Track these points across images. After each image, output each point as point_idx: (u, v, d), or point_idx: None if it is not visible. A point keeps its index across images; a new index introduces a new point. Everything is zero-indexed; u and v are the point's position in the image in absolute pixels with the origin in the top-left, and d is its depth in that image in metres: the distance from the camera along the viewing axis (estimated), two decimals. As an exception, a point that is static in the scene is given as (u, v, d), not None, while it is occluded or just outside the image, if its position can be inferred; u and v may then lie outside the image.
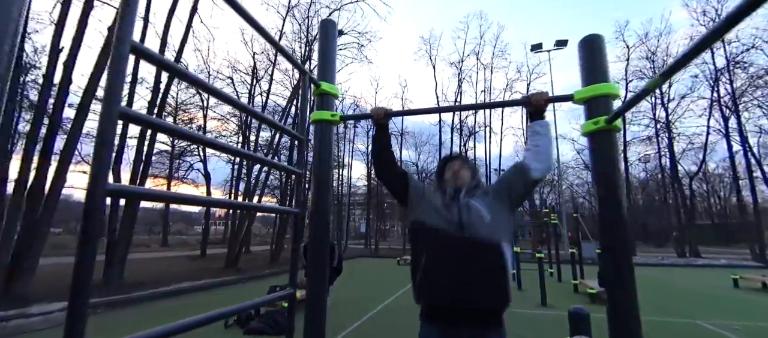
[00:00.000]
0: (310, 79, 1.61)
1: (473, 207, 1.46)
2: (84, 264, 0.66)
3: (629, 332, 1.19)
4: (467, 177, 1.61)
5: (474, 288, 1.33)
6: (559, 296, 7.41)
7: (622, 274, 1.22)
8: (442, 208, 1.51)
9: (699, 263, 15.43)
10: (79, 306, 0.65)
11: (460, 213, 1.46)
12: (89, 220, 0.68)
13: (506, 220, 1.49)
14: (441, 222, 1.46)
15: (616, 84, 1.37)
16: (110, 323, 5.19)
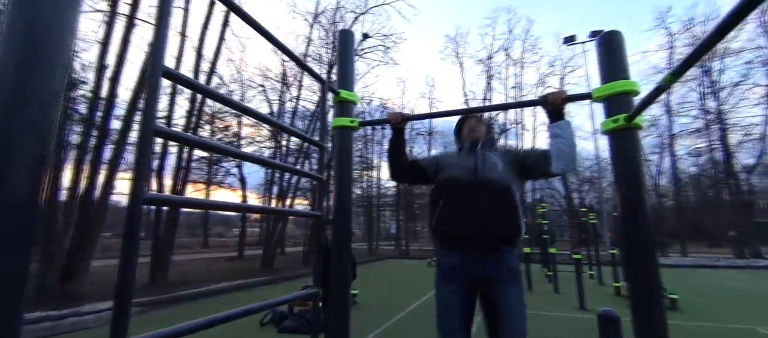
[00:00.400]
0: (330, 88, 1.69)
1: (488, 157, 1.63)
2: (128, 266, 0.76)
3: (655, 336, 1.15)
4: (482, 132, 1.76)
5: (488, 218, 1.49)
6: (599, 299, 7.05)
7: (647, 278, 1.18)
8: (458, 160, 1.70)
9: (760, 265, 14.04)
10: (124, 304, 0.75)
11: (475, 162, 1.64)
12: (131, 226, 0.78)
13: (516, 179, 1.64)
14: (457, 171, 1.64)
15: (635, 81, 1.32)
16: (156, 321, 5.60)
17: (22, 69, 0.61)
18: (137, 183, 0.78)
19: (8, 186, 0.58)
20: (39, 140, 0.62)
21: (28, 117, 0.61)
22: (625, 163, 1.27)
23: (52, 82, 0.64)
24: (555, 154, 1.49)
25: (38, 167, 0.62)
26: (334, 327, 1.65)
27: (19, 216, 0.59)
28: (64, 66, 0.67)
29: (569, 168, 1.51)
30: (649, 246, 1.20)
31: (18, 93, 0.60)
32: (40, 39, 0.63)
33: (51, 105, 0.64)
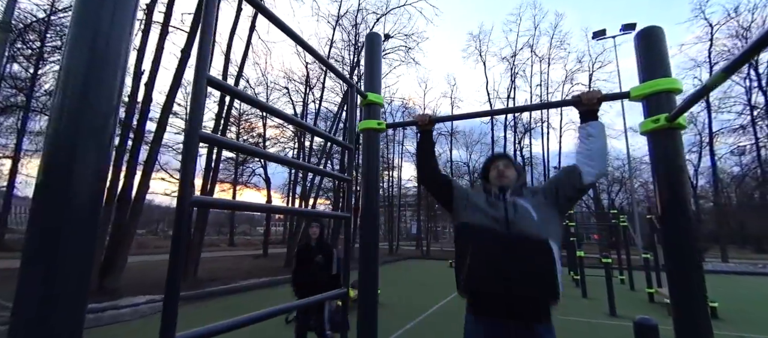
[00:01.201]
0: (357, 91, 1.71)
1: (520, 206, 1.46)
2: (176, 263, 0.80)
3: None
4: (513, 177, 1.59)
5: (522, 280, 1.33)
6: (631, 305, 6.76)
7: (691, 284, 1.13)
8: (487, 207, 1.51)
9: (814, 273, 12.98)
10: (173, 298, 0.79)
11: (506, 210, 1.46)
12: (179, 227, 0.82)
13: (555, 221, 1.46)
14: (487, 221, 1.47)
15: (678, 78, 1.26)
16: (187, 315, 5.85)
17: (87, 77, 0.66)
18: (185, 186, 0.83)
19: (74, 188, 0.63)
20: (101, 144, 0.67)
21: (91, 122, 0.66)
22: (666, 165, 1.21)
23: (113, 90, 0.69)
24: (586, 155, 1.44)
25: (100, 170, 0.67)
26: (362, 329, 1.66)
27: (84, 216, 0.64)
28: (122, 74, 0.72)
29: (602, 171, 1.44)
30: (693, 251, 1.14)
31: (84, 99, 0.65)
32: (103, 49, 0.69)
33: (111, 111, 0.69)
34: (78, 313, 0.61)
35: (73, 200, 0.62)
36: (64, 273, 0.60)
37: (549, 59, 22.76)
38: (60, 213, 0.61)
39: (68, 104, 0.64)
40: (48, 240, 0.60)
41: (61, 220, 0.61)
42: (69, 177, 0.62)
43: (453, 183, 1.67)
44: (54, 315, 0.58)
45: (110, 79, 0.69)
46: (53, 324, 0.58)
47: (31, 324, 0.57)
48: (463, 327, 1.49)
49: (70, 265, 0.62)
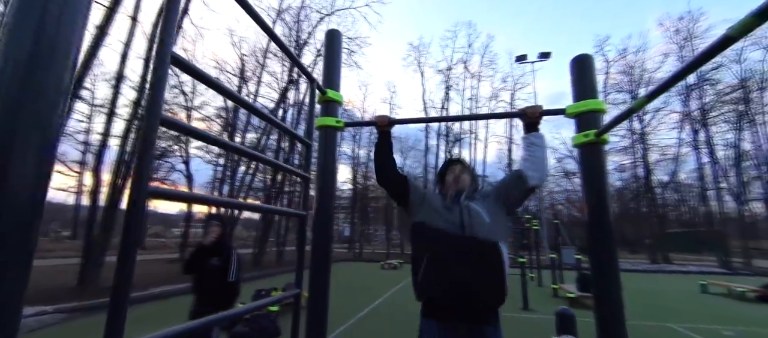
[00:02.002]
0: (317, 86, 1.67)
1: (473, 210, 1.55)
2: (126, 262, 0.70)
3: (617, 329, 1.30)
4: (467, 182, 1.69)
5: (474, 285, 1.42)
6: (539, 300, 7.63)
7: (609, 275, 1.33)
8: (443, 210, 1.58)
9: (670, 269, 16.16)
10: (120, 304, 0.69)
11: (461, 214, 1.54)
12: (132, 220, 0.72)
13: (504, 222, 1.59)
14: (442, 223, 1.54)
15: (603, 101, 1.49)
16: (85, 328, 5.02)
17: (32, 60, 0.56)
18: (141, 174, 0.72)
19: (12, 183, 0.52)
20: (45, 135, 0.57)
21: (35, 111, 0.56)
22: (593, 173, 1.42)
23: (63, 75, 0.60)
24: (531, 162, 1.60)
25: (44, 162, 0.57)
26: (311, 330, 1.62)
27: (23, 212, 0.54)
28: (74, 58, 0.62)
29: (544, 176, 1.63)
30: (613, 246, 1.36)
31: (26, 86, 0.55)
32: (51, 29, 0.59)
33: (60, 98, 0.59)
34: (13, 321, 0.50)
35: (10, 197, 0.52)
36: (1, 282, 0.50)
37: (479, 76, 24.76)
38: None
39: (8, 91, 0.54)
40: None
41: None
42: (4, 173, 0.51)
43: (409, 180, 1.72)
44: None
45: (61, 62, 0.59)
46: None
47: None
48: (391, 328, 1.53)
49: (8, 274, 0.51)
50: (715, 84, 19.37)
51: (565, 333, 1.90)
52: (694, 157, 20.22)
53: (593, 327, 1.37)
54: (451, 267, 1.44)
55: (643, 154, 21.45)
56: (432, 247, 1.51)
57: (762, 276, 11.85)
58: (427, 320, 1.51)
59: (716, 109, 19.38)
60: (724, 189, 19.34)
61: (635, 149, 22.25)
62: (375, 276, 12.42)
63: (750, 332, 5.29)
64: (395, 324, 5.31)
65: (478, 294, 1.42)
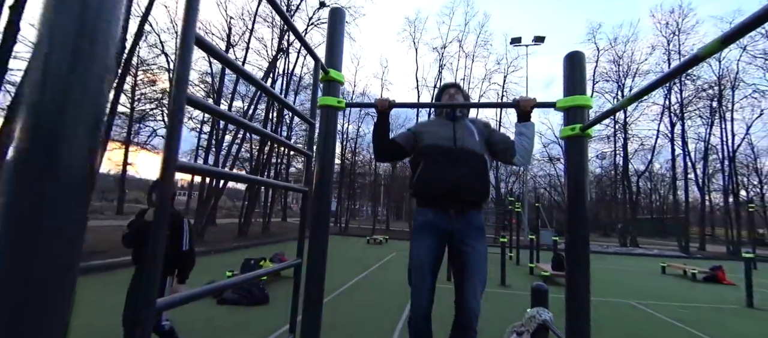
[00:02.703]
0: (322, 66, 1.70)
1: (466, 126, 1.84)
2: (159, 229, 0.77)
3: (582, 305, 1.46)
4: (461, 101, 2.00)
5: (463, 182, 1.71)
6: (516, 277, 8.06)
7: (580, 255, 1.49)
8: (438, 128, 1.87)
9: (637, 252, 17.15)
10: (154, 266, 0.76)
11: (454, 130, 1.83)
12: (163, 191, 0.79)
13: (487, 151, 1.86)
14: (438, 139, 1.82)
15: (590, 97, 1.59)
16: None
17: (76, 46, 0.58)
18: (170, 150, 0.79)
19: (63, 164, 0.56)
20: (94, 117, 0.61)
21: (82, 94, 0.59)
22: (575, 164, 1.55)
23: (107, 59, 0.62)
24: (519, 149, 1.74)
25: (93, 144, 0.60)
26: (309, 297, 1.73)
27: (76, 190, 0.58)
28: (115, 40, 0.65)
29: (527, 162, 1.79)
30: (587, 230, 1.51)
31: (74, 70, 0.58)
32: (94, 12, 0.61)
33: (105, 81, 0.63)
34: (66, 313, 0.56)
35: (63, 177, 0.54)
36: (51, 259, 0.55)
37: (473, 56, 24.56)
38: (43, 194, 0.53)
39: (57, 75, 0.56)
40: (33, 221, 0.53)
41: (46, 202, 0.53)
42: (57, 156, 0.54)
43: (400, 142, 1.93)
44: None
45: (104, 46, 0.62)
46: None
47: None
48: (380, 297, 1.78)
49: (66, 238, 0.56)
50: (694, 80, 19.95)
51: (538, 305, 2.09)
52: (669, 148, 21.05)
53: (562, 302, 1.55)
54: (443, 169, 1.73)
55: (624, 143, 22.14)
56: (428, 156, 1.80)
57: (713, 260, 12.81)
58: (422, 208, 1.80)
59: (693, 104, 20.07)
60: (690, 180, 20.37)
61: (617, 138, 22.92)
62: (361, 250, 12.73)
63: (698, 308, 5.89)
64: (382, 293, 5.56)
65: (465, 189, 1.71)
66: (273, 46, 16.41)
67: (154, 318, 0.79)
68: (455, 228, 1.74)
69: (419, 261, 1.74)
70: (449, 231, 1.75)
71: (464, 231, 1.74)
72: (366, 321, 4.16)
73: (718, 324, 4.86)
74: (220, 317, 4.13)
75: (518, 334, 2.10)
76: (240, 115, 15.37)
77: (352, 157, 26.89)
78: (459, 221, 1.74)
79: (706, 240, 20.40)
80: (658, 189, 35.67)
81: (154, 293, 0.76)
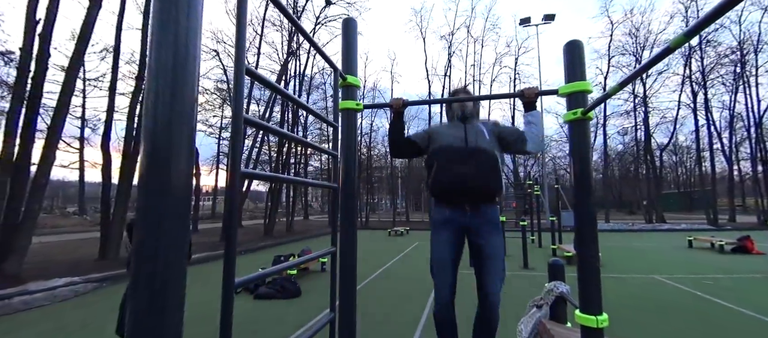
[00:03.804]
0: (340, 74, 1.89)
1: (477, 128, 1.95)
2: (232, 224, 0.98)
3: (591, 271, 1.61)
4: (471, 106, 2.09)
5: (476, 179, 1.82)
6: (539, 259, 8.12)
7: (588, 229, 1.63)
8: (450, 130, 1.99)
9: (663, 228, 16.72)
10: (231, 250, 0.97)
11: (466, 132, 1.95)
12: (232, 195, 1.00)
13: (498, 148, 1.97)
14: (450, 140, 1.94)
15: (589, 81, 1.72)
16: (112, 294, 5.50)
17: (175, 71, 0.77)
18: (235, 160, 0.99)
19: (173, 172, 0.75)
20: (189, 130, 0.80)
21: (181, 111, 0.78)
22: (579, 147, 1.67)
23: (194, 86, 0.82)
24: (529, 136, 1.88)
25: (190, 153, 0.80)
26: (344, 288, 1.93)
27: (183, 198, 0.77)
28: (198, 69, 0.84)
29: (539, 149, 1.92)
30: (592, 208, 1.64)
31: (175, 92, 0.77)
32: (184, 39, 0.79)
33: (194, 106, 0.82)
34: (180, 294, 0.77)
35: (173, 189, 0.73)
36: (167, 265, 0.72)
37: (482, 41, 24.23)
38: (162, 204, 0.72)
39: (163, 96, 0.74)
40: (153, 225, 0.73)
41: (163, 211, 0.72)
42: (167, 165, 0.73)
43: (415, 140, 2.07)
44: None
45: (192, 69, 0.81)
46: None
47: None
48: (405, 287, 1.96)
49: (174, 248, 0.75)
50: (716, 46, 19.05)
51: (554, 279, 2.24)
52: (693, 119, 20.23)
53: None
54: (456, 167, 1.85)
55: (645, 117, 21.43)
56: (441, 156, 1.92)
57: (744, 231, 12.38)
58: (438, 205, 1.94)
59: (715, 71, 19.19)
60: (717, 150, 19.58)
61: (637, 113, 22.20)
62: (383, 242, 12.99)
63: (725, 278, 5.83)
64: (406, 283, 5.78)
65: (479, 185, 1.83)
66: (283, 49, 16.73)
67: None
68: (471, 223, 1.86)
69: (440, 256, 1.89)
70: (466, 226, 1.88)
71: (480, 226, 1.85)
72: (392, 310, 4.38)
73: (744, 293, 4.83)
74: (256, 311, 4.44)
75: (538, 307, 2.26)
76: (258, 118, 15.81)
77: (368, 151, 27.14)
78: (474, 216, 1.86)
79: (737, 211, 19.63)
80: (684, 163, 34.40)
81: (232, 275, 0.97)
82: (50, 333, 3.82)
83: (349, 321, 1.87)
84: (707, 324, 3.72)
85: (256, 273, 1.05)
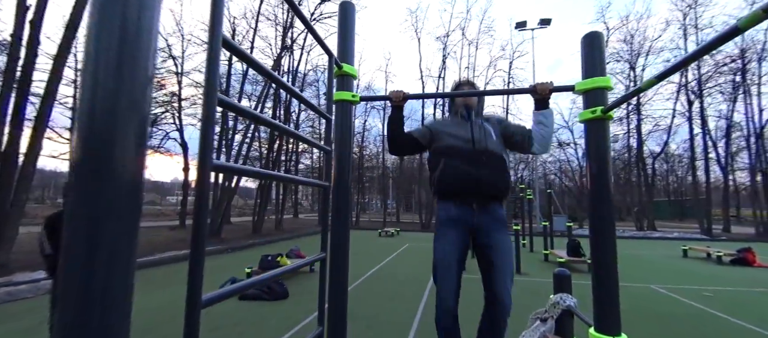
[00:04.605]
0: (335, 61, 1.71)
1: (484, 127, 1.82)
2: (200, 226, 0.80)
3: (610, 286, 1.46)
4: (475, 101, 1.95)
5: (483, 179, 1.71)
6: (531, 265, 8.02)
7: (606, 239, 1.48)
8: (454, 129, 1.86)
9: (655, 236, 16.86)
10: (198, 260, 0.79)
11: (472, 131, 1.81)
12: (201, 190, 0.81)
13: (505, 150, 1.86)
14: (455, 141, 1.81)
15: (610, 77, 1.57)
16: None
17: (122, 45, 0.60)
18: (205, 150, 0.81)
19: (117, 166, 0.57)
20: (140, 117, 0.62)
21: (129, 93, 0.60)
22: (597, 148, 1.52)
23: (148, 67, 0.64)
24: (537, 137, 1.72)
25: (141, 143, 0.62)
26: (333, 288, 1.76)
27: (130, 193, 0.60)
28: (155, 49, 0.66)
29: (546, 151, 1.77)
30: (611, 212, 1.49)
31: (122, 71, 0.59)
32: (136, 6, 0.62)
33: (148, 90, 0.64)
34: (128, 294, 0.60)
35: (117, 185, 0.56)
36: (111, 253, 0.56)
37: (477, 43, 24.20)
38: (100, 200, 0.55)
39: (102, 77, 0.57)
40: (95, 221, 0.55)
41: (103, 208, 0.55)
42: (110, 161, 0.56)
43: (413, 133, 1.93)
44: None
45: (145, 44, 0.63)
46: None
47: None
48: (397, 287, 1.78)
49: (123, 241, 0.58)
50: (714, 54, 19.25)
51: (560, 291, 2.08)
52: (687, 127, 20.46)
53: (581, 288, 1.54)
54: (464, 168, 1.73)
55: (638, 124, 21.62)
56: (448, 158, 1.79)
57: (738, 242, 12.47)
58: (444, 202, 1.80)
59: (713, 80, 19.40)
60: (711, 159, 19.81)
61: (630, 119, 22.38)
62: (374, 243, 12.82)
63: (724, 291, 5.70)
64: (398, 285, 5.61)
65: (488, 185, 1.72)
66: (277, 44, 16.45)
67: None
68: (479, 222, 1.74)
69: (444, 257, 1.73)
70: (473, 226, 1.75)
71: (488, 226, 1.74)
72: (385, 312, 4.21)
73: (747, 307, 4.73)
74: (241, 313, 4.23)
75: (542, 321, 2.10)
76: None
77: (359, 151, 26.94)
78: (482, 215, 1.74)
79: (731, 222, 19.86)
80: (675, 171, 34.87)
81: (200, 292, 0.79)
82: (35, 328, 3.58)
83: (340, 333, 1.69)
84: (709, 337, 3.62)
85: (228, 288, 0.87)
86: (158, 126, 22.27)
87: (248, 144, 15.37)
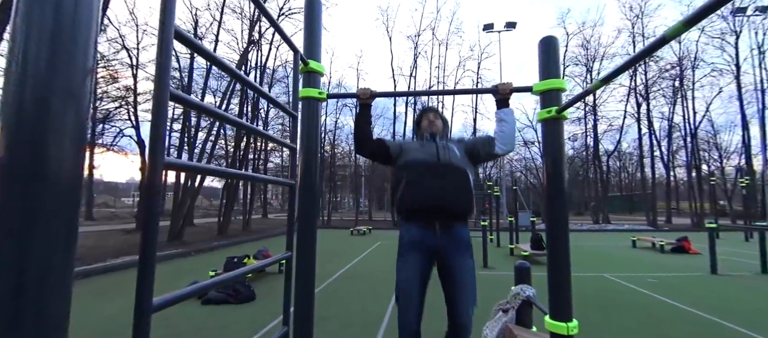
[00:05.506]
0: (301, 57, 1.68)
1: (448, 147, 1.84)
2: (149, 229, 0.76)
3: (563, 276, 1.55)
4: (440, 126, 1.98)
5: (447, 196, 1.70)
6: (497, 259, 8.33)
7: (560, 232, 1.57)
8: (420, 148, 1.86)
9: (609, 228, 18.07)
10: (148, 265, 0.75)
11: (437, 149, 1.82)
12: (151, 190, 0.77)
13: (470, 166, 1.87)
14: (421, 156, 1.81)
15: (564, 80, 1.66)
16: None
17: (55, 44, 0.56)
18: (156, 147, 0.77)
19: (54, 159, 0.54)
20: (79, 118, 0.58)
21: (65, 94, 0.56)
22: (552, 146, 1.61)
23: (87, 57, 0.60)
24: (500, 136, 1.79)
25: (80, 145, 0.59)
26: (299, 293, 1.74)
27: (65, 197, 0.56)
28: (95, 37, 0.63)
29: (510, 148, 1.84)
30: (565, 208, 1.58)
31: (56, 62, 0.55)
32: (71, 9, 0.58)
33: (87, 80, 0.60)
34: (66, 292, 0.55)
35: (49, 182, 0.53)
36: (45, 260, 0.52)
37: (447, 44, 24.68)
38: (32, 203, 0.51)
39: (32, 67, 0.53)
40: (25, 225, 0.51)
41: (35, 211, 0.51)
42: (44, 173, 0.52)
43: (387, 143, 1.91)
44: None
45: (84, 32, 0.59)
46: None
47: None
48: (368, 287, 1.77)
49: (60, 240, 0.54)
50: (658, 61, 20.95)
51: (521, 282, 2.19)
52: (636, 127, 22.09)
53: (542, 279, 1.63)
54: (427, 183, 1.72)
55: (594, 124, 23.03)
56: (411, 172, 1.78)
57: (679, 232, 13.70)
58: (407, 224, 1.77)
59: (657, 84, 21.13)
60: (656, 158, 21.61)
61: (587, 120, 23.80)
62: (346, 241, 12.75)
63: (666, 276, 6.31)
64: (370, 283, 5.62)
65: (450, 201, 1.71)
66: (244, 38, 15.88)
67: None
68: (442, 244, 1.72)
69: (407, 283, 1.71)
70: (436, 247, 1.73)
71: (451, 247, 1.72)
72: (356, 311, 4.21)
73: (683, 290, 5.24)
74: (205, 317, 4.06)
75: (504, 311, 2.20)
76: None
77: (331, 149, 26.67)
78: (445, 237, 1.72)
79: (672, 214, 21.80)
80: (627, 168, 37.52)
81: (150, 296, 0.75)
82: None
83: (306, 334, 1.67)
84: (652, 318, 3.95)
85: (182, 290, 0.83)
86: (111, 122, 20.84)
87: (213, 142, 14.73)
